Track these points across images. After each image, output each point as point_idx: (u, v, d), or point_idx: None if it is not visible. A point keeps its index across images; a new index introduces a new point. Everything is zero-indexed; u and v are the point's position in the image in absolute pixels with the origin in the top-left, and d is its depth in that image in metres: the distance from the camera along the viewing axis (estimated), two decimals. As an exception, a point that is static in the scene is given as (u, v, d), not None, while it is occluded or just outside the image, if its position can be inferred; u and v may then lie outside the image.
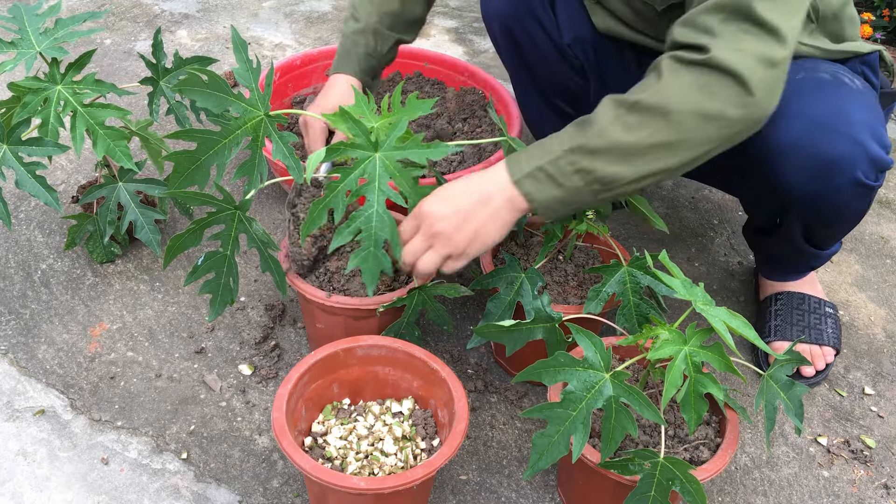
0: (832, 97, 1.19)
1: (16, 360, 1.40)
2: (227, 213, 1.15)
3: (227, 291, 1.19)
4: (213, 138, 1.09)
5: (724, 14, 1.03)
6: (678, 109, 1.02)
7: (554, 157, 1.06)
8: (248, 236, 1.17)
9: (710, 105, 1.02)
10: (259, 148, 1.11)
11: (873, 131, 1.18)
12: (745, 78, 1.01)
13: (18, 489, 1.21)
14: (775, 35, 1.02)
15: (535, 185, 1.07)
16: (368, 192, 1.08)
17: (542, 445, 1.00)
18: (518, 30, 1.48)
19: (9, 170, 1.26)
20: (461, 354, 1.45)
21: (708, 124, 1.03)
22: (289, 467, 1.26)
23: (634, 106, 1.03)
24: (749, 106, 1.02)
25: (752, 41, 1.01)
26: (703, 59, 1.02)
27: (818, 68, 1.25)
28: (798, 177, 1.21)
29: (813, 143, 1.18)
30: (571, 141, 1.06)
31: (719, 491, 1.27)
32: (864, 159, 1.18)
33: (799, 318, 1.46)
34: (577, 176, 1.06)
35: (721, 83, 1.01)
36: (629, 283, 1.22)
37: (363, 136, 1.07)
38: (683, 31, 1.06)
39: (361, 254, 1.10)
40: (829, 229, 1.36)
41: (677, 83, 1.03)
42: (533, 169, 1.07)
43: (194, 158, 1.09)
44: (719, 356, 0.99)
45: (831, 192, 1.21)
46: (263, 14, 2.48)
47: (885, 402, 1.43)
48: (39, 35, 1.32)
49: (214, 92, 1.09)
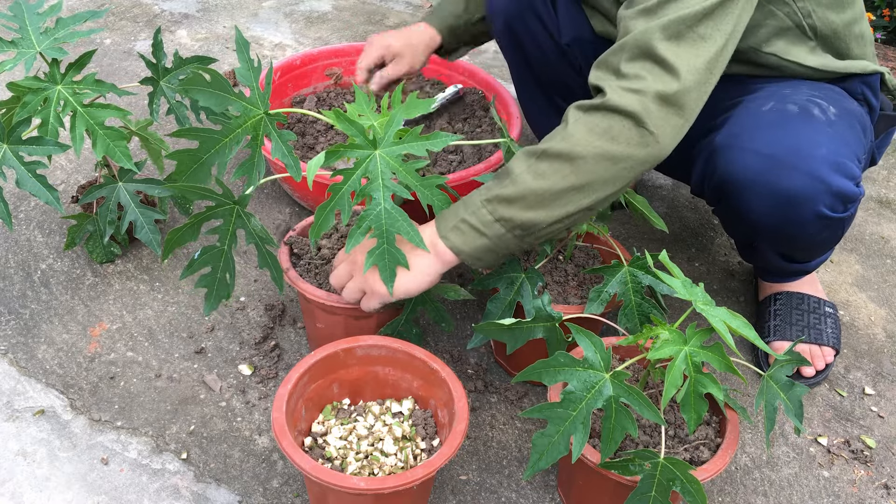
0: (794, 132, 1.19)
1: (16, 360, 1.39)
2: (226, 209, 1.15)
3: (224, 286, 1.19)
4: (215, 137, 1.09)
5: (628, 53, 1.08)
6: (582, 154, 1.07)
7: (475, 208, 1.11)
8: (247, 232, 1.17)
9: (612, 147, 1.06)
10: (259, 146, 1.11)
11: (836, 165, 1.17)
12: (642, 118, 1.05)
13: (18, 489, 1.21)
14: (671, 72, 1.05)
15: (461, 237, 1.12)
16: (373, 191, 1.08)
17: (542, 445, 1.00)
18: (520, 28, 1.49)
19: (9, 169, 1.26)
20: (461, 354, 1.45)
21: (613, 165, 1.07)
22: (289, 467, 1.26)
23: (543, 154, 1.09)
24: (651, 145, 1.07)
25: (650, 80, 1.05)
26: (601, 102, 1.07)
27: (789, 98, 1.24)
28: (760, 211, 1.22)
29: (770, 180, 1.18)
30: (489, 192, 1.11)
31: (719, 491, 1.27)
32: (826, 194, 1.17)
33: (798, 317, 1.46)
34: (497, 224, 1.10)
35: (620, 125, 1.06)
36: (630, 283, 1.22)
37: (361, 136, 1.07)
38: (595, 73, 1.11)
39: (376, 252, 1.10)
40: (802, 252, 1.38)
41: (580, 128, 1.07)
42: (457, 222, 1.12)
43: (196, 157, 1.10)
44: (719, 356, 0.99)
45: (795, 225, 1.22)
46: (263, 14, 2.48)
47: (885, 402, 1.43)
48: (40, 35, 1.32)
49: (217, 91, 1.09)
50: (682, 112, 1.06)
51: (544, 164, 1.08)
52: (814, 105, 1.22)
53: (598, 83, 1.09)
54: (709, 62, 1.07)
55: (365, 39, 2.35)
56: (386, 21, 2.49)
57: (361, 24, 2.45)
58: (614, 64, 1.09)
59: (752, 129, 1.20)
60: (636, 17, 1.08)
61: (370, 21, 2.48)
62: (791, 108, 1.22)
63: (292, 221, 1.69)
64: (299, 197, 1.68)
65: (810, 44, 1.29)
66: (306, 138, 1.76)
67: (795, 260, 1.40)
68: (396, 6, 2.58)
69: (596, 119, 1.07)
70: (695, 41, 1.06)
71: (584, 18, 1.45)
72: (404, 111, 1.10)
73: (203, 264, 1.17)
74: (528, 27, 1.48)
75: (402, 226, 1.09)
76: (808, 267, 1.45)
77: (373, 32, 2.40)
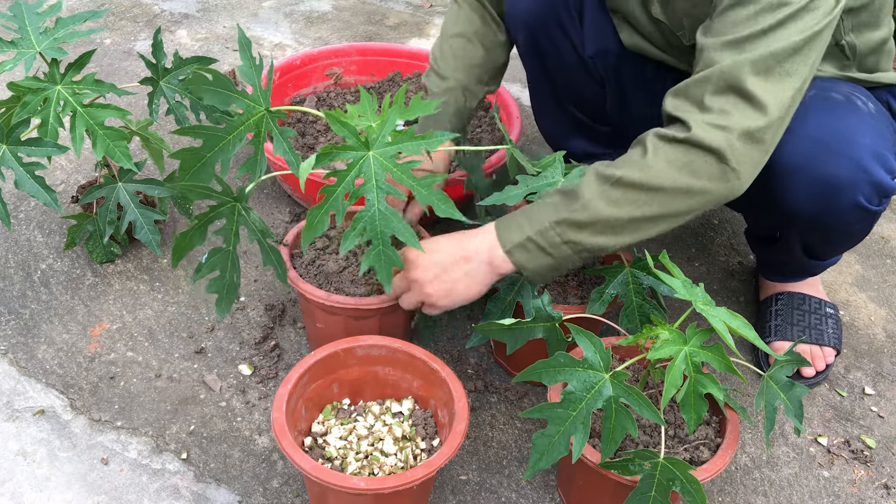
0: (840, 119, 1.18)
1: (16, 360, 1.39)
2: (228, 206, 1.14)
3: (232, 288, 1.19)
4: (218, 134, 1.09)
5: (713, 86, 1.05)
6: (661, 186, 1.06)
7: (542, 229, 1.10)
8: (249, 229, 1.16)
9: (692, 182, 1.05)
10: (261, 143, 1.11)
11: (878, 156, 1.17)
12: (726, 155, 1.04)
13: (18, 489, 1.21)
14: (760, 108, 1.03)
15: (526, 255, 1.12)
16: (367, 192, 1.07)
17: (542, 446, 1.00)
18: (543, 38, 1.46)
19: (8, 170, 1.26)
20: (461, 354, 1.45)
21: (690, 199, 1.07)
22: (289, 467, 1.26)
23: (619, 181, 1.07)
24: (731, 180, 1.06)
25: (737, 116, 1.04)
26: (685, 136, 1.05)
27: (832, 88, 1.24)
28: (799, 197, 1.21)
29: (815, 165, 1.17)
30: (557, 213, 1.10)
31: (719, 491, 1.27)
32: (867, 183, 1.17)
33: (799, 318, 1.46)
34: (565, 246, 1.10)
35: (703, 161, 1.05)
36: (632, 284, 1.22)
37: (353, 137, 1.06)
38: (674, 102, 1.09)
39: (372, 253, 1.10)
40: (829, 246, 1.37)
41: (660, 160, 1.06)
42: (523, 240, 1.11)
43: (200, 155, 1.09)
44: (719, 356, 0.99)
45: (832, 214, 1.21)
46: (263, 14, 2.48)
47: (885, 402, 1.43)
48: (39, 35, 1.32)
49: (220, 89, 1.09)
50: (763, 147, 1.05)
51: (618, 192, 1.07)
52: (855, 97, 1.22)
53: (679, 114, 1.07)
54: (793, 97, 1.05)
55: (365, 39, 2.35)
56: (386, 21, 2.49)
57: (361, 24, 2.45)
58: (697, 96, 1.06)
59: (798, 115, 1.16)
60: (722, 48, 1.05)
61: (370, 21, 2.48)
62: (836, 96, 1.21)
63: (292, 221, 1.69)
64: (299, 197, 1.68)
65: (845, 62, 1.29)
66: (306, 138, 1.76)
67: (816, 254, 1.39)
68: (396, 6, 2.58)
69: (678, 152, 1.05)
70: (782, 77, 1.04)
71: (611, 30, 1.42)
72: (404, 112, 1.09)
73: (211, 267, 1.16)
74: (551, 37, 1.45)
75: (396, 226, 1.08)
76: (822, 266, 1.44)
77: (373, 32, 2.40)
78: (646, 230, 1.09)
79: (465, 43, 1.40)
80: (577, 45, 1.46)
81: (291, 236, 1.36)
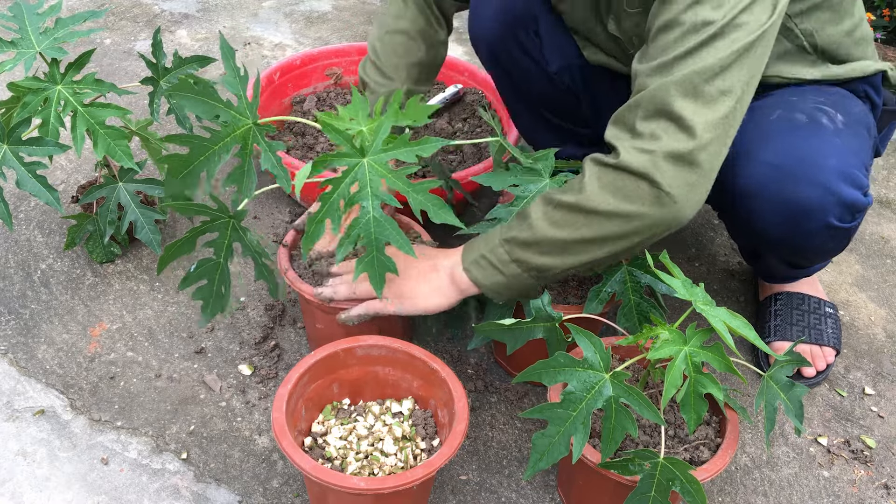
0: (804, 141, 1.17)
1: (16, 360, 1.40)
2: (222, 222, 1.14)
3: (219, 298, 1.18)
4: (205, 144, 1.08)
5: (643, 111, 1.05)
6: (595, 209, 1.07)
7: (493, 246, 1.14)
8: (243, 245, 1.16)
9: (625, 206, 1.06)
10: (248, 156, 1.10)
11: (846, 175, 1.15)
12: (656, 179, 1.03)
13: (18, 489, 1.21)
14: (686, 130, 1.02)
15: (481, 272, 1.15)
16: (363, 199, 1.06)
17: (542, 446, 1.00)
18: (504, 56, 1.45)
19: (9, 170, 1.26)
20: (461, 354, 1.45)
21: (626, 223, 1.07)
22: (289, 467, 1.26)
23: (560, 204, 1.09)
24: (667, 204, 1.05)
25: (665, 139, 1.03)
26: (615, 162, 1.06)
27: (796, 106, 1.22)
28: (768, 221, 1.21)
29: (780, 191, 1.17)
30: (507, 232, 1.13)
31: (719, 491, 1.27)
32: (836, 205, 1.16)
33: (799, 318, 1.46)
34: (513, 264, 1.13)
35: (634, 185, 1.05)
36: (629, 283, 1.22)
37: (347, 144, 1.06)
38: (611, 129, 1.10)
39: (366, 260, 1.10)
40: (807, 261, 1.38)
41: (594, 184, 1.07)
42: (478, 256, 1.15)
43: (187, 162, 1.08)
44: (719, 356, 0.99)
45: (803, 236, 1.21)
46: (263, 14, 2.48)
47: (885, 402, 1.43)
48: (39, 35, 1.32)
49: (203, 98, 1.08)
50: (696, 169, 1.03)
51: (559, 214, 1.09)
52: (821, 113, 1.21)
53: (613, 141, 1.07)
54: (726, 116, 1.03)
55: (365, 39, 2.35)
56: (386, 21, 2.49)
57: (361, 24, 2.45)
58: (630, 121, 1.06)
59: (760, 138, 1.18)
60: (651, 73, 1.05)
61: (370, 21, 2.48)
62: (799, 116, 1.20)
63: (292, 221, 1.69)
64: (300, 198, 1.68)
65: (811, 58, 1.28)
66: (306, 138, 1.76)
67: (799, 266, 1.41)
68: (396, 6, 2.58)
69: (610, 177, 1.06)
70: (714, 97, 1.02)
71: (571, 45, 1.42)
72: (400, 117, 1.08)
73: (199, 277, 1.16)
74: (511, 55, 1.45)
75: (390, 234, 1.08)
76: (811, 271, 1.46)
77: (373, 32, 2.40)
78: (589, 252, 1.10)
79: (407, 40, 1.39)
80: (540, 61, 1.45)
81: (291, 237, 1.36)
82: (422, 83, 1.43)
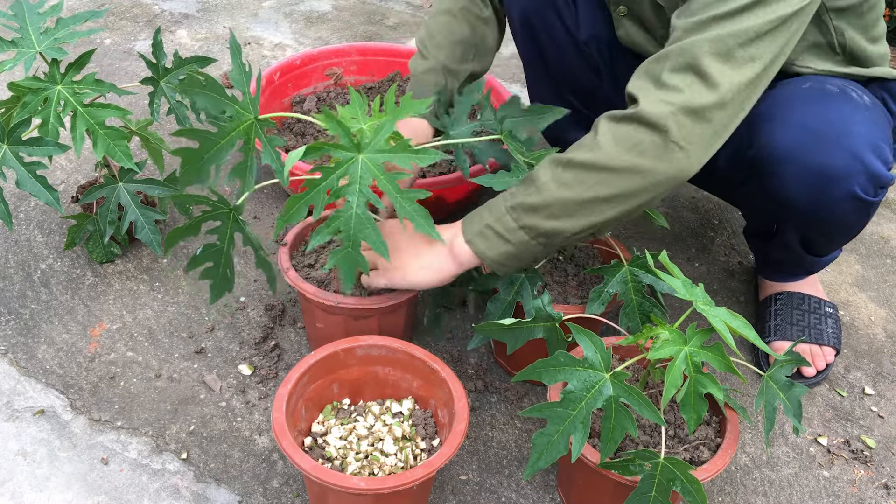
0: (835, 109, 1.18)
1: (16, 360, 1.40)
2: (223, 212, 1.17)
3: (225, 279, 1.21)
4: (213, 138, 1.10)
5: (672, 63, 1.05)
6: (607, 165, 1.05)
7: (499, 214, 1.12)
8: (243, 236, 1.18)
9: (639, 161, 1.04)
10: (250, 151, 1.12)
11: (874, 146, 1.17)
12: (670, 131, 1.02)
13: (18, 489, 1.21)
14: (712, 86, 1.02)
15: (486, 243, 1.13)
16: (350, 193, 1.06)
17: (541, 445, 1.00)
18: (537, 22, 1.46)
19: (9, 170, 1.26)
20: (461, 354, 1.45)
21: (640, 178, 1.05)
22: (289, 467, 1.26)
23: (569, 163, 1.08)
24: (676, 160, 1.04)
25: (687, 92, 1.03)
26: (633, 112, 1.05)
27: (828, 80, 1.24)
28: (794, 187, 1.20)
29: (810, 154, 1.17)
30: (513, 199, 1.11)
31: (719, 491, 1.27)
32: (863, 174, 1.17)
33: (799, 317, 1.46)
34: (521, 231, 1.11)
35: (647, 137, 1.04)
36: (631, 283, 1.22)
37: (346, 138, 1.06)
38: (635, 81, 1.08)
39: (340, 253, 1.10)
40: (826, 239, 1.36)
41: (608, 139, 1.06)
42: (482, 227, 1.13)
43: (199, 155, 1.10)
44: (719, 356, 0.99)
45: (828, 205, 1.21)
46: (263, 14, 2.48)
47: (885, 402, 1.43)
48: (40, 34, 1.32)
49: (211, 93, 1.10)
50: (711, 126, 1.03)
51: (570, 174, 1.07)
52: (850, 90, 1.22)
53: (635, 92, 1.07)
54: (751, 81, 1.04)
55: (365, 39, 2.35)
56: (386, 21, 2.49)
57: (361, 24, 2.45)
58: (656, 72, 1.06)
59: (792, 102, 1.17)
60: (688, 28, 1.05)
61: (370, 21, 2.48)
62: (830, 87, 1.21)
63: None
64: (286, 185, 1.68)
65: (837, 58, 1.29)
66: (306, 138, 1.76)
67: (813, 249, 1.39)
68: (396, 6, 2.58)
69: (624, 130, 1.05)
70: (743, 61, 1.02)
71: (602, 17, 1.42)
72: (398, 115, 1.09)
73: (205, 259, 1.19)
74: (545, 21, 1.45)
75: (368, 233, 1.07)
76: (820, 262, 1.44)
77: (373, 32, 2.40)
78: (601, 212, 1.08)
79: (450, 19, 1.41)
80: (572, 29, 1.46)
81: (291, 237, 1.36)
82: (468, 62, 1.42)
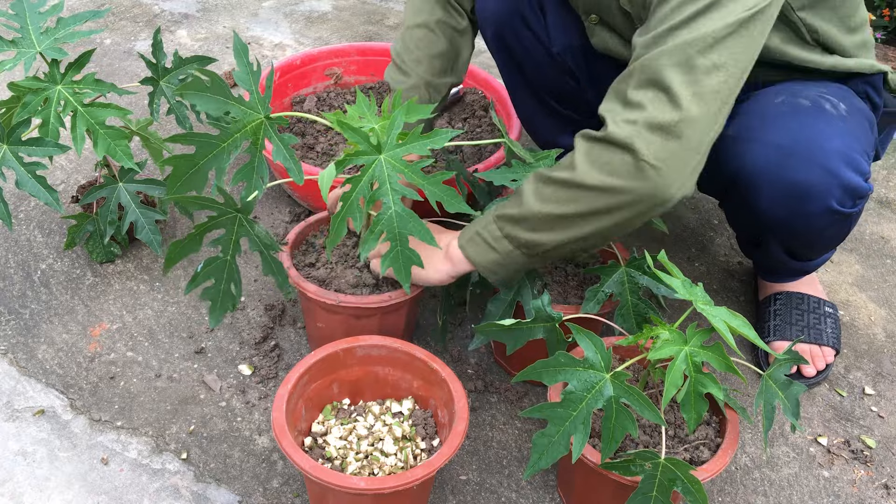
0: (808, 125, 1.18)
1: (16, 360, 1.40)
2: (229, 217, 1.14)
3: (228, 297, 1.18)
4: (212, 142, 1.08)
5: (635, 80, 1.04)
6: (582, 183, 1.06)
7: (487, 223, 1.15)
8: (250, 239, 1.15)
9: (610, 180, 1.04)
10: (259, 151, 1.11)
11: (848, 159, 1.16)
12: (638, 149, 1.01)
13: (18, 489, 1.21)
14: (673, 100, 1.00)
15: (475, 249, 1.16)
16: (383, 195, 1.09)
17: (542, 445, 1.00)
18: (510, 35, 1.47)
19: (9, 170, 1.26)
20: (461, 354, 1.45)
21: (612, 197, 1.05)
22: (289, 467, 1.26)
23: (549, 180, 1.10)
24: (650, 178, 1.02)
25: (650, 108, 1.01)
26: (602, 135, 1.05)
27: (800, 93, 1.23)
28: (771, 205, 1.21)
29: (783, 171, 1.17)
30: (501, 209, 1.14)
31: (719, 491, 1.27)
32: (838, 188, 1.17)
33: (798, 317, 1.46)
34: (505, 240, 1.13)
35: (618, 158, 1.03)
36: (627, 284, 1.22)
37: (364, 142, 1.07)
38: (604, 103, 1.08)
39: (391, 255, 1.11)
40: (809, 249, 1.37)
41: (582, 158, 1.07)
42: (472, 234, 1.17)
43: (193, 162, 1.08)
44: (719, 356, 0.99)
45: (804, 219, 1.21)
46: (263, 14, 2.48)
47: (885, 402, 1.43)
48: (40, 34, 1.32)
49: (215, 95, 1.08)
50: (683, 142, 1.00)
51: (549, 189, 1.09)
52: (824, 101, 1.21)
53: (605, 114, 1.06)
54: (717, 90, 1.01)
55: (365, 39, 2.35)
56: (386, 21, 2.49)
57: (361, 24, 2.45)
58: (622, 92, 1.05)
59: (763, 120, 1.18)
60: (647, 44, 1.04)
61: (370, 21, 2.48)
62: (803, 101, 1.21)
63: (292, 221, 1.69)
64: (299, 197, 1.68)
65: (816, 50, 1.28)
66: (306, 138, 1.76)
67: (799, 257, 1.39)
68: (396, 6, 2.58)
69: (597, 151, 1.05)
70: (705, 68, 1.00)
71: (575, 27, 1.42)
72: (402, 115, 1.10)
73: (206, 276, 1.16)
74: (517, 34, 1.46)
75: (413, 227, 1.10)
76: (811, 266, 1.44)
77: (373, 32, 2.40)
78: (576, 228, 1.09)
79: (427, 33, 1.40)
80: (544, 41, 1.46)
81: (292, 236, 1.36)
82: (447, 74, 1.42)
